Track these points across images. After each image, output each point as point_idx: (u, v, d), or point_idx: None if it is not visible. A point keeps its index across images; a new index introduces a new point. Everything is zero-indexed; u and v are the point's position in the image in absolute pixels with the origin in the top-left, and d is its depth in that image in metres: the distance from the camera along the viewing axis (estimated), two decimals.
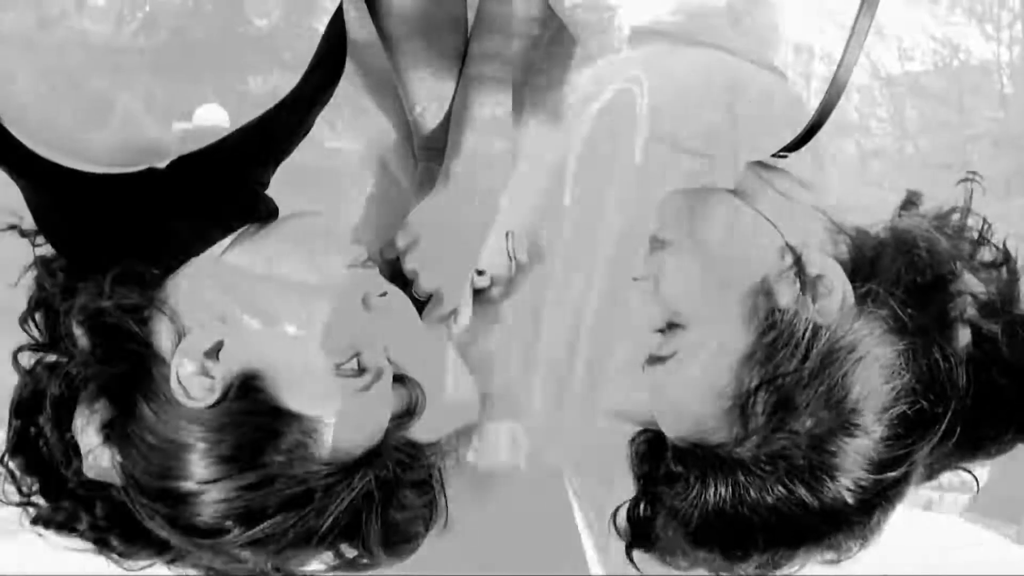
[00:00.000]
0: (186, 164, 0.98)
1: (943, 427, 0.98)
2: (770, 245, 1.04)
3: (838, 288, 1.00)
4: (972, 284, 1.02)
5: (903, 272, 1.00)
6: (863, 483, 0.99)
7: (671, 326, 1.05)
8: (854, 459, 0.98)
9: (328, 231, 1.05)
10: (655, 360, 1.06)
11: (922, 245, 1.01)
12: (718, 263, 1.05)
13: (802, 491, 0.98)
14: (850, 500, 0.99)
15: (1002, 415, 1.01)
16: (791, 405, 0.98)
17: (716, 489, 1.00)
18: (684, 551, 1.04)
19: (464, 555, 1.23)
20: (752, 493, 0.99)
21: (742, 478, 0.99)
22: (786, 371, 0.98)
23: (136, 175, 0.97)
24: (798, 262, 1.01)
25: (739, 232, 1.07)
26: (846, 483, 0.99)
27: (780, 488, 0.98)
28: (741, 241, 1.06)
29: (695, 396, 1.02)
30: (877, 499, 1.00)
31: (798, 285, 1.00)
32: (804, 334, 0.98)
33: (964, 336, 1.00)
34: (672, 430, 1.05)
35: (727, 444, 1.00)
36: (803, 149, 1.10)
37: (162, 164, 0.97)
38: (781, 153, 1.08)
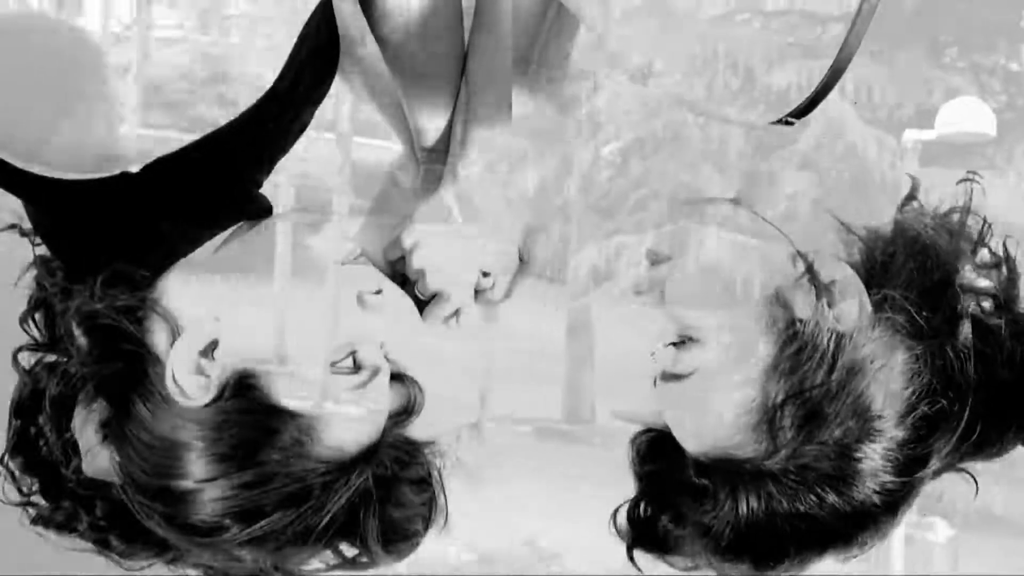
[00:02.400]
0: (162, 167, 0.98)
1: (963, 423, 0.98)
2: (780, 253, 1.03)
3: (854, 293, 0.99)
4: (974, 279, 1.01)
5: (915, 275, 1.00)
6: (890, 485, 0.99)
7: (684, 341, 1.03)
8: (881, 463, 0.98)
9: (320, 228, 1.05)
10: (672, 378, 1.04)
11: (929, 244, 1.01)
12: (727, 276, 1.03)
13: (832, 497, 0.98)
14: (878, 501, 0.99)
15: (1003, 413, 1.00)
16: (820, 417, 0.97)
17: (748, 503, 0.99)
18: (711, 563, 1.03)
19: None
20: (784, 503, 0.99)
21: (773, 489, 0.99)
22: (814, 384, 0.97)
23: (109, 180, 0.97)
24: (810, 269, 1.00)
25: (745, 243, 1.05)
26: (873, 486, 0.98)
27: (811, 496, 0.98)
28: (748, 252, 1.04)
29: (720, 413, 1.01)
30: (902, 498, 1.00)
31: (813, 293, 0.99)
32: (828, 344, 0.98)
33: (966, 328, 1.00)
34: (695, 447, 1.03)
35: (756, 458, 0.99)
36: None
37: (135, 168, 0.97)
38: (788, 119, 1.06)
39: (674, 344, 1.04)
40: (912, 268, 1.00)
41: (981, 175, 1.07)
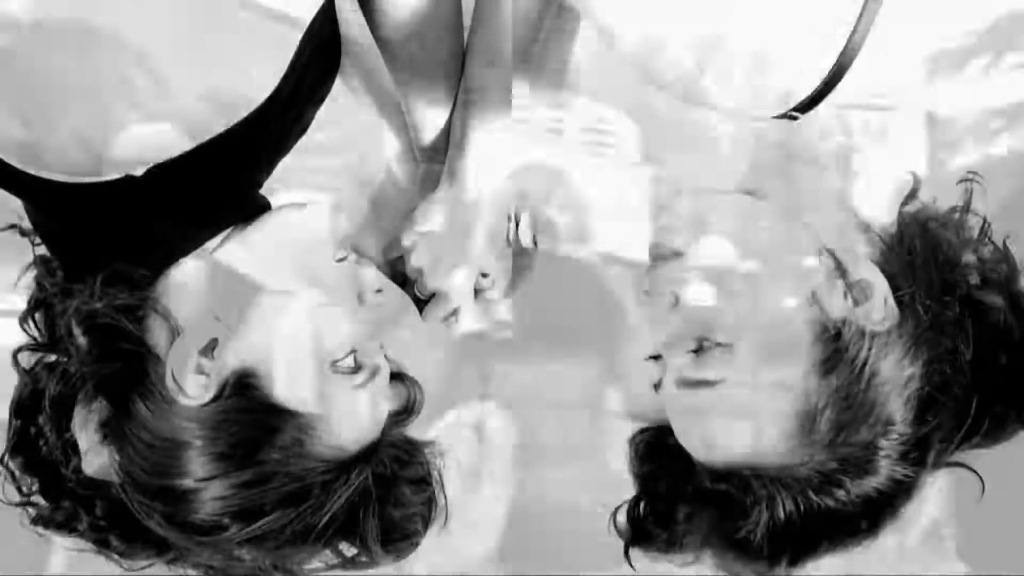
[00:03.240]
0: (164, 170, 0.97)
1: (974, 409, 0.99)
2: (805, 249, 1.01)
3: (880, 292, 0.99)
4: (971, 262, 1.02)
5: (932, 272, 1.00)
6: (911, 473, 0.99)
7: (707, 345, 1.01)
8: (901, 456, 0.98)
9: (316, 226, 1.05)
10: (697, 384, 1.01)
11: (938, 242, 1.01)
12: (759, 275, 1.01)
13: (859, 490, 0.98)
14: (901, 489, 0.99)
15: (1003, 399, 1.00)
16: (858, 420, 0.97)
17: (784, 508, 0.98)
18: (734, 567, 1.03)
19: None
20: (817, 503, 0.98)
21: (808, 491, 0.98)
22: (857, 387, 0.96)
23: (112, 183, 0.97)
24: (840, 267, 0.99)
25: (768, 239, 1.03)
26: (896, 476, 0.98)
27: (841, 491, 0.98)
28: (774, 248, 1.02)
29: (757, 421, 0.99)
30: (916, 482, 1.00)
31: (843, 291, 0.98)
32: (866, 345, 0.97)
33: (956, 307, 1.00)
34: (721, 456, 1.01)
35: (791, 465, 0.98)
36: None
37: (138, 172, 0.96)
38: (792, 113, 1.05)
39: (693, 350, 1.02)
40: (932, 267, 1.00)
41: (981, 175, 1.06)
